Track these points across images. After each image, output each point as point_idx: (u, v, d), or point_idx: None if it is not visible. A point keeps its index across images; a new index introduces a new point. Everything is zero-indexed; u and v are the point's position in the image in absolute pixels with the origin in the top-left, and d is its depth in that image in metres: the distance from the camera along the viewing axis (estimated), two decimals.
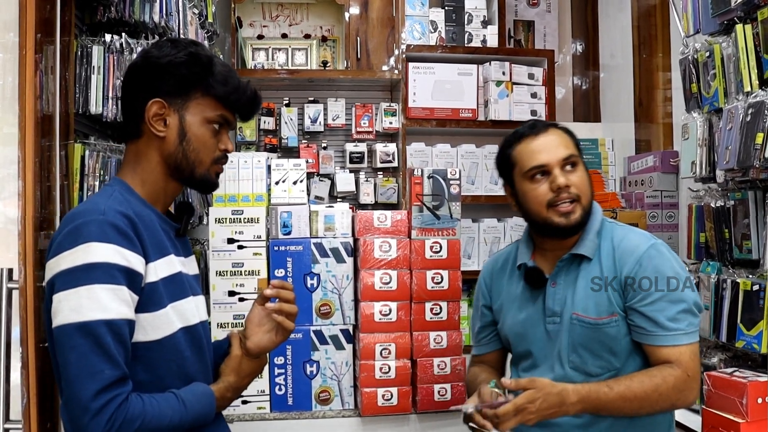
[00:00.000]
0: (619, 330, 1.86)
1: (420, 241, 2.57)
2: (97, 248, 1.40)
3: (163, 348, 1.51)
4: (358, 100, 4.19)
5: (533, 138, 1.95)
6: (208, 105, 1.60)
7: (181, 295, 1.58)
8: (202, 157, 1.61)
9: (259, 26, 4.40)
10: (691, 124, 2.67)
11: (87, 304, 1.38)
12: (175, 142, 1.59)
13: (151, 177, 1.61)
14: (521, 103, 4.05)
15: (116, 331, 1.39)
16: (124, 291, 1.42)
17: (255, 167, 2.64)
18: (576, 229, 1.91)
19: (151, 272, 1.50)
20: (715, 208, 2.54)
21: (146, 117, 1.57)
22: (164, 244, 1.58)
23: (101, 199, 1.51)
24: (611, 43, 4.39)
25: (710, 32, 2.56)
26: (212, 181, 1.66)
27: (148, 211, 1.57)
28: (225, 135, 1.66)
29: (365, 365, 2.51)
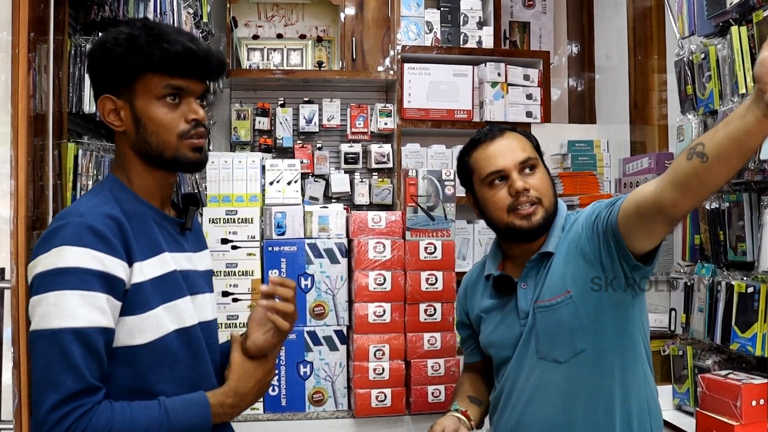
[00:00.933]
0: (571, 308, 1.83)
1: (414, 242, 2.56)
2: (69, 252, 1.35)
3: (153, 352, 1.45)
4: (353, 100, 4.18)
5: (489, 143, 1.95)
6: (151, 81, 1.49)
7: (175, 294, 1.51)
8: (164, 138, 1.50)
9: (254, 26, 4.38)
10: (686, 126, 2.67)
11: (54, 311, 1.33)
12: (133, 131, 1.51)
13: (135, 171, 1.55)
14: (516, 104, 4.05)
15: (85, 340, 1.33)
16: (98, 297, 1.36)
17: (249, 167, 2.64)
18: (539, 231, 1.91)
19: (137, 273, 1.44)
20: (710, 210, 2.54)
21: (103, 116, 1.53)
22: (157, 242, 1.51)
23: (86, 199, 1.48)
24: (607, 44, 4.39)
25: (705, 34, 2.56)
26: (188, 160, 1.53)
27: (142, 207, 1.52)
28: (190, 104, 1.53)
29: (359, 366, 2.50)
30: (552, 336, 1.86)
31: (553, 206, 1.93)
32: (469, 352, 2.23)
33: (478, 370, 2.21)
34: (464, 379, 2.21)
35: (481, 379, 2.18)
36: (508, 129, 1.99)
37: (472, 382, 2.17)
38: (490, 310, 2.03)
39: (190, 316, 1.54)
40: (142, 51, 1.47)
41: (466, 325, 2.19)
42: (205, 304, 1.63)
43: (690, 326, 2.57)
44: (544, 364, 1.88)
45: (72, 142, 2.33)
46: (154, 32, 1.49)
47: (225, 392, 1.54)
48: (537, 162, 1.93)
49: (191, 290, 1.57)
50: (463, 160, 2.02)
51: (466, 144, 2.03)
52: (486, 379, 2.17)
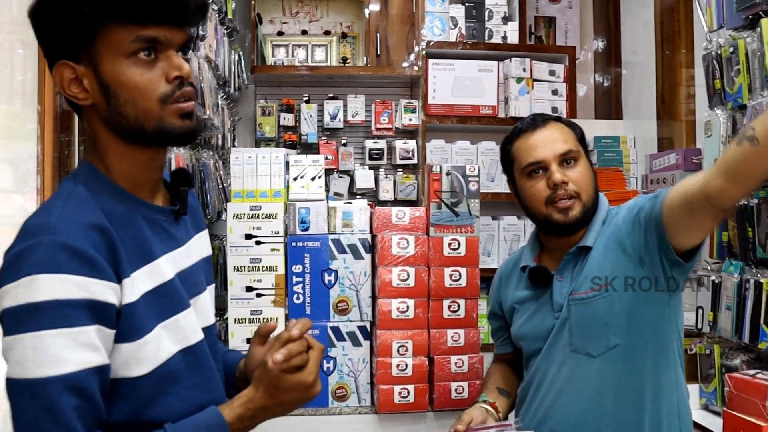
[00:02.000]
0: (610, 302, 1.81)
1: (438, 238, 2.55)
2: (43, 283, 1.07)
3: (156, 381, 1.19)
4: (378, 96, 4.18)
5: (531, 133, 1.93)
6: (116, 35, 1.16)
7: (174, 309, 1.25)
8: (142, 106, 1.19)
9: (279, 23, 4.39)
10: (714, 121, 2.64)
11: (33, 357, 1.05)
12: (102, 103, 1.19)
13: (113, 155, 1.23)
14: (542, 99, 4.02)
15: (76, 387, 1.06)
16: (86, 332, 1.08)
17: (273, 163, 2.64)
18: (577, 225, 1.89)
19: (127, 291, 1.16)
20: (738, 207, 2.50)
21: (62, 89, 1.21)
22: (148, 247, 1.23)
23: (58, 205, 1.16)
24: (633, 39, 4.35)
25: (734, 27, 2.52)
26: (177, 129, 1.22)
27: (127, 203, 1.24)
28: (170, 58, 1.21)
29: (382, 362, 2.50)
30: (586, 329, 1.84)
31: (592, 201, 1.90)
32: (499, 343, 2.22)
33: (507, 361, 2.20)
34: (493, 371, 2.20)
35: (511, 371, 2.17)
36: (552, 118, 1.97)
37: (502, 373, 2.16)
38: (523, 302, 2.02)
39: (194, 331, 1.29)
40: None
41: (498, 316, 2.18)
42: (207, 305, 1.39)
43: (717, 325, 2.54)
44: (577, 358, 1.86)
45: None
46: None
47: (244, 401, 1.27)
48: (578, 155, 1.90)
49: (191, 293, 1.33)
50: (505, 148, 2.01)
51: (510, 132, 2.01)
52: (515, 371, 2.16)
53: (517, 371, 2.15)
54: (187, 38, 1.24)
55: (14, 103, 2.10)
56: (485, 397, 2.04)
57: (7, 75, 2.05)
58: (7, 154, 2.07)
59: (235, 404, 1.26)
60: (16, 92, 2.09)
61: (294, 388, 1.26)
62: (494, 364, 2.25)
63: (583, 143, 1.95)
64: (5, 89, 2.06)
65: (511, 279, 2.11)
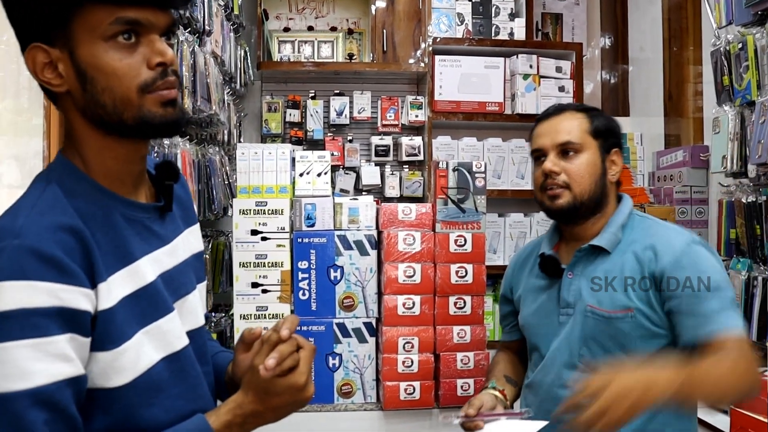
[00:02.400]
0: (633, 327, 1.78)
1: (444, 235, 2.55)
2: (8, 290, 0.98)
3: (138, 392, 1.11)
4: (384, 93, 4.17)
5: (544, 121, 1.96)
6: (94, 16, 1.07)
7: (156, 313, 1.16)
8: (121, 94, 1.09)
9: (285, 19, 4.40)
10: (722, 118, 2.63)
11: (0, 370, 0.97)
12: (78, 91, 1.10)
13: (90, 147, 1.14)
14: (549, 96, 4.01)
15: (46, 401, 0.98)
16: (56, 342, 1.00)
17: (279, 159, 2.64)
18: (569, 215, 1.89)
19: (103, 296, 1.07)
20: (747, 204, 2.49)
21: (35, 74, 1.11)
22: (126, 249, 1.14)
23: (26, 204, 1.08)
24: (641, 36, 4.33)
25: (743, 23, 2.51)
26: (159, 119, 1.12)
27: (105, 201, 1.14)
28: (152, 43, 1.11)
29: (388, 359, 2.50)
30: (600, 346, 1.83)
31: (588, 194, 1.87)
32: (507, 330, 2.22)
33: (514, 350, 2.19)
34: (500, 359, 2.19)
35: (517, 360, 2.16)
36: (572, 108, 1.96)
37: (508, 362, 2.15)
38: (533, 290, 2.02)
39: (178, 337, 1.20)
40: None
41: (508, 301, 2.17)
42: (195, 305, 1.30)
43: None
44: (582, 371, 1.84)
45: None
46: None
47: (232, 407, 1.18)
48: (581, 147, 1.88)
49: (178, 294, 1.24)
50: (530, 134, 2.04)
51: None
52: (522, 360, 2.15)
53: (522, 360, 2.15)
54: (171, 22, 1.15)
55: (21, 99, 2.10)
56: (494, 383, 2.03)
57: (13, 70, 2.05)
58: (13, 149, 2.07)
59: (222, 411, 1.18)
60: (22, 87, 2.09)
61: (285, 392, 1.17)
62: (500, 352, 2.24)
63: (603, 135, 1.92)
64: (12, 84, 2.06)
65: (526, 264, 2.10)
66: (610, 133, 1.94)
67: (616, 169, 1.94)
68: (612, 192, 1.94)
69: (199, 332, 1.29)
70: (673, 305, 1.76)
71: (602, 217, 1.91)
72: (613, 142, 1.94)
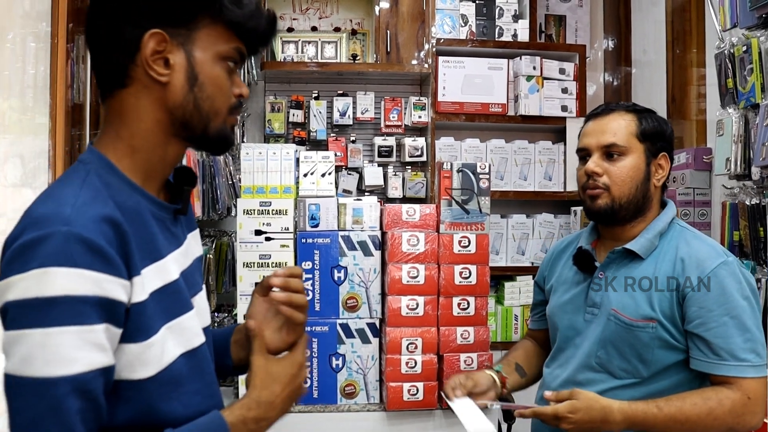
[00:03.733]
0: (653, 337, 1.77)
1: (448, 236, 2.55)
2: (56, 276, 1.00)
3: (158, 385, 1.14)
4: (388, 93, 4.17)
5: (592, 120, 1.94)
6: (220, 35, 1.19)
7: (179, 310, 1.21)
8: (218, 105, 1.21)
9: (288, 19, 4.39)
10: (726, 120, 2.63)
11: (42, 355, 1.00)
12: (183, 88, 1.18)
13: (145, 142, 1.19)
14: (552, 98, 4.01)
15: (83, 389, 1.01)
16: (96, 331, 1.03)
17: (283, 159, 2.64)
18: (606, 217, 1.87)
19: (137, 289, 1.11)
20: (750, 206, 2.49)
21: (142, 56, 1.15)
22: (156, 245, 1.18)
23: (69, 193, 1.09)
24: (644, 38, 4.33)
25: (748, 26, 2.51)
26: (229, 137, 1.26)
27: (135, 197, 1.18)
28: (237, 77, 1.26)
29: (391, 359, 2.50)
30: (618, 351, 1.82)
31: (628, 198, 1.85)
32: (535, 318, 2.23)
33: (539, 340, 2.21)
34: (520, 346, 2.21)
35: (539, 351, 2.18)
36: (622, 108, 1.92)
37: (526, 351, 2.17)
38: (566, 282, 2.01)
39: (196, 334, 1.25)
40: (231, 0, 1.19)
41: (541, 289, 2.18)
42: (204, 305, 1.35)
43: None
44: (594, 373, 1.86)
45: None
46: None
47: (246, 405, 1.23)
48: (626, 150, 1.86)
49: (192, 292, 1.29)
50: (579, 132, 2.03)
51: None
52: (544, 352, 2.15)
53: (544, 352, 2.15)
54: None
55: (26, 97, 2.10)
56: (500, 368, 2.04)
57: (18, 68, 2.05)
58: (18, 147, 2.07)
59: (236, 406, 1.22)
60: (27, 86, 2.09)
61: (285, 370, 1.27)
62: (524, 339, 2.26)
63: (651, 138, 1.88)
64: (17, 83, 2.06)
65: (564, 254, 2.10)
66: (660, 136, 1.90)
67: (662, 173, 1.90)
68: (656, 197, 1.91)
69: (206, 331, 1.32)
70: (691, 328, 1.74)
71: (643, 221, 1.89)
72: (662, 145, 1.90)
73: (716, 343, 1.71)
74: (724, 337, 1.70)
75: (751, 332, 1.71)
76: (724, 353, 1.70)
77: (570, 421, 1.69)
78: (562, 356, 1.95)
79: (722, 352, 1.70)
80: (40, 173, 2.03)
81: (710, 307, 1.72)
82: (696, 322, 1.73)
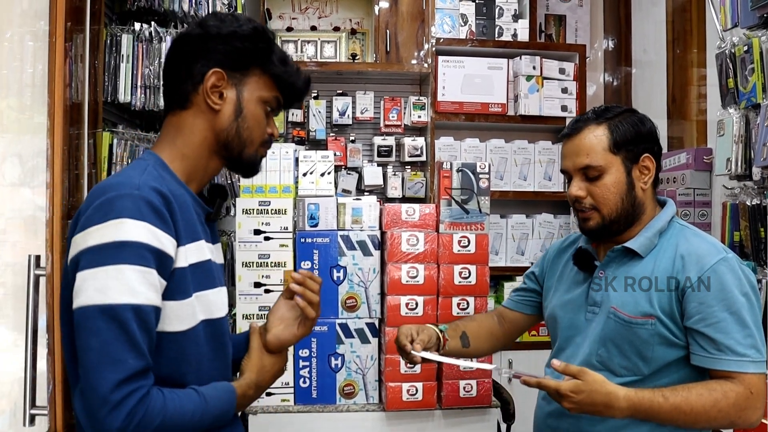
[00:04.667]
0: (652, 334, 1.77)
1: (448, 236, 2.54)
2: (129, 225, 1.29)
3: (186, 341, 1.41)
4: (387, 93, 4.17)
5: (566, 140, 1.94)
6: (265, 84, 1.55)
7: (208, 284, 1.48)
8: (254, 137, 1.54)
9: (288, 18, 4.39)
10: (726, 120, 2.62)
11: (114, 285, 1.26)
12: (230, 117, 1.52)
13: (194, 152, 1.52)
14: (552, 98, 4.01)
15: (143, 318, 1.28)
16: (153, 275, 1.31)
17: (283, 158, 2.63)
18: (601, 234, 1.88)
19: (181, 257, 1.39)
20: (751, 207, 2.48)
21: (203, 87, 1.49)
22: (196, 228, 1.47)
23: (135, 173, 1.40)
24: (644, 38, 4.33)
25: (749, 26, 2.51)
26: (257, 164, 1.60)
27: (182, 190, 1.48)
28: (273, 120, 1.61)
29: (390, 359, 2.49)
30: (618, 349, 1.82)
31: (615, 214, 1.84)
32: (514, 299, 2.24)
33: (504, 318, 2.23)
34: (477, 317, 2.27)
35: (494, 330, 2.20)
36: (592, 122, 1.89)
37: (481, 326, 2.19)
38: (567, 281, 2.02)
39: (219, 308, 1.52)
40: (278, 59, 1.56)
41: (535, 279, 2.19)
42: (225, 297, 1.61)
43: None
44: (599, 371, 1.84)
45: (107, 131, 2.34)
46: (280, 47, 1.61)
47: (248, 384, 1.55)
48: (603, 168, 1.84)
49: (219, 282, 1.56)
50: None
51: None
52: (500, 334, 2.20)
53: (501, 335, 2.20)
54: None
55: (24, 96, 2.09)
56: (445, 328, 2.07)
57: (16, 67, 2.04)
58: (16, 147, 2.06)
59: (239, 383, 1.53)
60: (25, 85, 2.08)
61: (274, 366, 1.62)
62: (488, 313, 2.27)
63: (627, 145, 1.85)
64: (15, 82, 2.05)
65: (564, 255, 2.10)
66: (637, 139, 1.86)
67: (648, 175, 1.87)
68: (648, 199, 1.89)
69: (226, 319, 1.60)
70: (691, 324, 1.74)
71: (639, 224, 1.88)
72: (643, 147, 1.87)
73: (716, 338, 1.70)
74: (724, 333, 1.70)
75: (750, 328, 1.71)
76: (725, 348, 1.70)
77: (571, 401, 1.66)
78: (563, 355, 1.94)
79: (723, 347, 1.70)
80: (39, 172, 2.02)
81: (710, 303, 1.71)
82: (696, 317, 1.73)
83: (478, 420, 2.54)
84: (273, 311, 1.67)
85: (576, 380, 1.67)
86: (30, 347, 1.70)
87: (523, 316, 2.20)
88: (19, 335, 1.81)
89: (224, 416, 1.46)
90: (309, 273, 1.66)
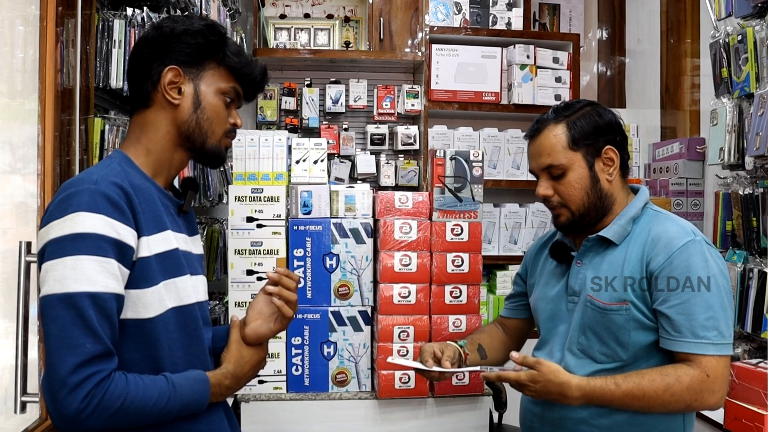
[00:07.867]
0: (627, 319, 1.78)
1: (441, 224, 2.53)
2: (85, 218, 1.36)
3: (154, 327, 1.46)
4: (381, 81, 4.16)
5: (529, 142, 1.98)
6: (222, 76, 1.61)
7: (176, 272, 1.54)
8: (214, 128, 1.60)
9: (281, 5, 4.36)
10: (720, 110, 2.62)
11: (71, 274, 1.33)
12: (189, 110, 1.58)
13: (158, 146, 1.58)
14: (545, 87, 4.00)
15: (101, 305, 1.34)
16: (112, 264, 1.37)
17: (275, 145, 2.62)
18: (573, 229, 1.93)
19: (143, 247, 1.46)
20: (743, 196, 2.49)
21: (161, 84, 1.56)
22: (161, 219, 1.53)
23: (97, 170, 1.48)
24: (638, 27, 4.32)
25: (743, 15, 2.51)
26: (222, 154, 1.65)
27: (147, 184, 1.54)
28: (234, 111, 1.66)
29: (383, 347, 2.49)
30: (597, 336, 1.84)
31: (584, 209, 1.88)
32: (509, 306, 2.28)
33: (506, 327, 2.26)
34: (487, 329, 2.29)
35: (503, 338, 2.24)
36: (551, 121, 1.91)
37: (491, 336, 2.23)
38: (547, 275, 2.05)
39: (188, 295, 1.57)
40: (232, 51, 1.62)
41: (522, 282, 2.23)
42: (200, 285, 1.66)
43: None
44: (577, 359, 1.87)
45: (99, 117, 2.33)
46: (233, 41, 1.68)
47: (223, 374, 1.59)
48: (565, 166, 1.87)
49: (189, 270, 1.60)
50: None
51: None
52: (509, 341, 2.24)
53: (510, 341, 2.23)
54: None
55: (14, 81, 2.08)
56: (464, 343, 2.11)
57: (6, 52, 2.02)
58: (7, 133, 2.05)
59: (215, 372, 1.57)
60: (16, 70, 2.07)
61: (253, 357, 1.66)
62: (492, 324, 2.31)
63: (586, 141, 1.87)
64: (5, 67, 2.04)
65: (544, 249, 2.13)
66: (596, 132, 1.88)
67: (612, 166, 1.89)
68: (616, 189, 1.91)
69: (203, 305, 1.67)
70: (657, 305, 1.76)
71: (612, 213, 1.91)
72: (604, 139, 1.89)
73: (677, 320, 1.72)
74: (686, 314, 1.72)
75: (714, 310, 1.71)
76: (685, 330, 1.71)
77: (530, 390, 1.76)
78: (547, 346, 1.98)
79: (683, 329, 1.71)
80: (30, 159, 2.01)
81: (674, 285, 1.74)
82: (661, 299, 1.75)
83: (470, 408, 2.54)
84: (252, 305, 1.71)
85: (532, 371, 1.75)
86: (21, 334, 1.69)
87: (522, 321, 2.24)
88: (10, 322, 1.81)
89: (196, 404, 1.50)
90: (286, 271, 1.70)
